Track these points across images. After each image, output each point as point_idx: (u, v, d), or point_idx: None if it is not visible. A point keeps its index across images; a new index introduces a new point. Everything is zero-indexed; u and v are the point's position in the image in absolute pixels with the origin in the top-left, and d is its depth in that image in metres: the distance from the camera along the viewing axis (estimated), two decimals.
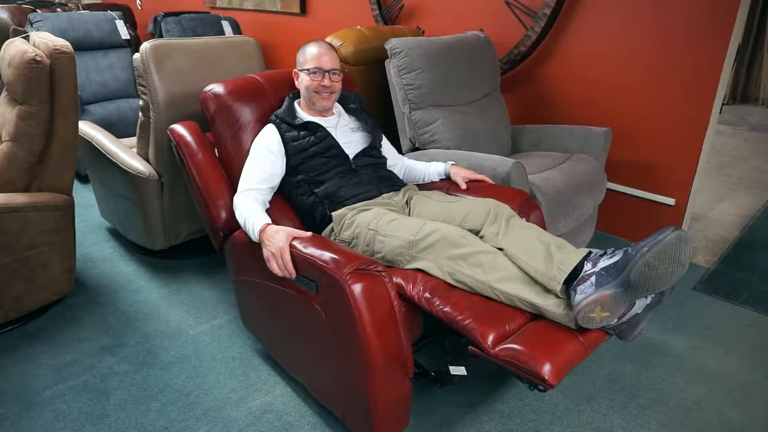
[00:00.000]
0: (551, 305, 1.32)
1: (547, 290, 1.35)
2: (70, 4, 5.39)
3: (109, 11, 3.78)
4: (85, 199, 3.20)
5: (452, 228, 1.49)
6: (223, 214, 1.73)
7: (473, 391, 1.74)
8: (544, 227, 1.79)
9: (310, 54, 1.79)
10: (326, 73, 1.78)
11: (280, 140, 1.75)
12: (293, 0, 4.04)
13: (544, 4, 2.60)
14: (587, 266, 1.30)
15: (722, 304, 2.25)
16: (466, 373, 1.44)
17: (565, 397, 1.73)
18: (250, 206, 1.59)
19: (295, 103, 1.86)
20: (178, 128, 1.88)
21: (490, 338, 1.28)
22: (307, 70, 1.78)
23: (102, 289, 2.31)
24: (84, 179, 3.50)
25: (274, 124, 1.79)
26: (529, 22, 2.72)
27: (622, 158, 2.68)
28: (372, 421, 1.38)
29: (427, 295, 1.41)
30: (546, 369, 1.17)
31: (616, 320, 1.26)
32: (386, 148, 2.00)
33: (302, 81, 1.81)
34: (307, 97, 1.82)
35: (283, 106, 1.85)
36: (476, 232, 1.56)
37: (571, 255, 1.35)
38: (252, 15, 4.51)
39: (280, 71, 2.02)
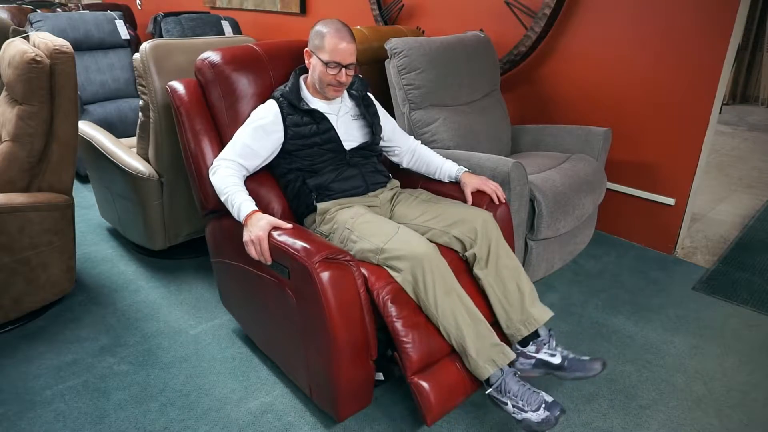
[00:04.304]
0: (475, 355, 1.47)
1: (489, 331, 1.51)
2: (70, 4, 5.39)
3: (109, 11, 3.78)
4: (85, 199, 3.20)
5: (422, 245, 1.51)
6: (214, 198, 1.70)
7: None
8: (510, 223, 1.83)
9: (330, 44, 1.64)
10: (343, 69, 1.67)
11: (282, 122, 1.69)
12: (293, 0, 4.04)
13: (544, 4, 2.60)
14: (531, 348, 1.60)
15: (722, 304, 2.25)
16: (382, 378, 1.66)
17: (565, 397, 1.72)
18: (233, 182, 1.60)
19: (301, 81, 1.78)
20: (179, 89, 1.79)
21: (415, 364, 1.45)
22: (324, 62, 1.66)
23: (102, 289, 2.31)
24: (84, 179, 3.50)
25: (277, 102, 1.71)
26: (529, 22, 2.72)
27: (622, 158, 2.68)
28: (336, 398, 1.47)
29: (385, 297, 1.47)
30: (429, 414, 1.43)
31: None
32: (393, 132, 1.94)
33: (315, 67, 1.70)
34: (318, 85, 1.72)
35: (289, 84, 1.75)
36: (458, 240, 1.62)
37: (543, 315, 1.60)
38: (252, 15, 4.51)
39: (278, 42, 1.95)
